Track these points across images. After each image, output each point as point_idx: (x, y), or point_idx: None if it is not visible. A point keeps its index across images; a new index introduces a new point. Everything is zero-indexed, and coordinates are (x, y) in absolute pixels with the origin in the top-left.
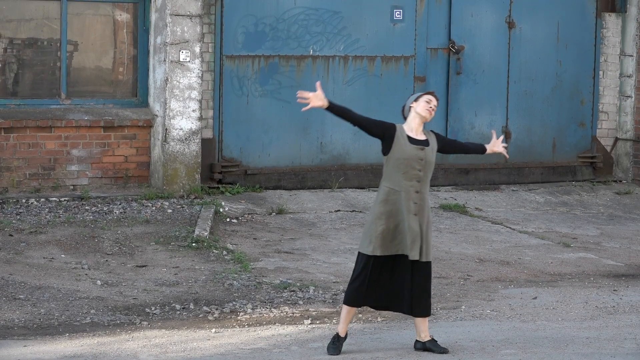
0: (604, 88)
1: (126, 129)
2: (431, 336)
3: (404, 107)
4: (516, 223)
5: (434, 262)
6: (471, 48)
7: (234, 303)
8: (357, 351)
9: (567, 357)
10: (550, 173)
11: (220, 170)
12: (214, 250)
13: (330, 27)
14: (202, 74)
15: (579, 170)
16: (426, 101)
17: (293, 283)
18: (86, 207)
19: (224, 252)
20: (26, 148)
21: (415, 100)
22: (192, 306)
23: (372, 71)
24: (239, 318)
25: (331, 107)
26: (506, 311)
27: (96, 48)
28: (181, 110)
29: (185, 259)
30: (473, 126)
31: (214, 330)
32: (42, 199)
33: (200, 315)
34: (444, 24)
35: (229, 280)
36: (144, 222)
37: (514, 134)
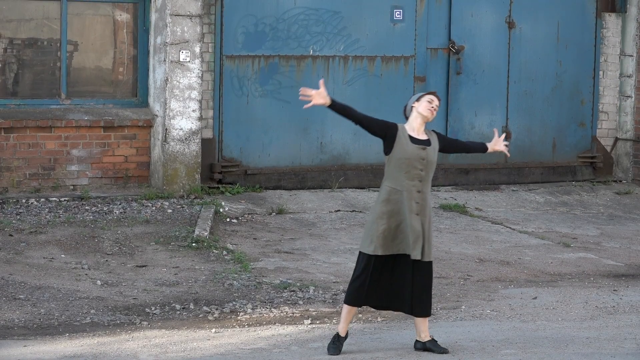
0: (604, 88)
1: (126, 129)
2: (431, 336)
3: (405, 107)
4: (516, 223)
5: (434, 262)
6: (471, 48)
7: (234, 303)
8: (357, 351)
9: (567, 357)
10: (550, 173)
11: (220, 170)
12: (214, 250)
13: (330, 27)
14: (202, 74)
15: (579, 170)
16: (428, 101)
17: (293, 283)
18: (86, 207)
19: (224, 252)
20: (26, 148)
21: (417, 100)
22: (192, 306)
23: (372, 71)
24: (239, 318)
25: (333, 105)
26: (506, 311)
27: (96, 48)
28: (181, 110)
29: (185, 259)
30: (473, 126)
31: (214, 330)
32: (42, 199)
33: (200, 315)
34: (444, 24)
35: (229, 280)
36: (144, 222)
37: (514, 134)
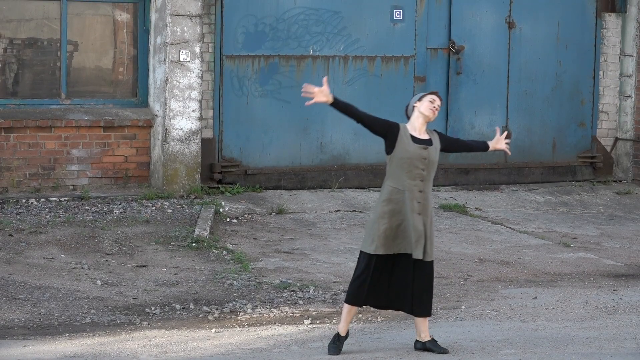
0: (604, 88)
1: (126, 129)
2: (431, 336)
3: (407, 107)
4: (516, 223)
5: (434, 262)
6: (471, 48)
7: (234, 303)
8: (357, 351)
9: (567, 357)
10: (550, 173)
11: (220, 170)
12: (214, 250)
13: (330, 27)
14: (202, 74)
15: (579, 170)
16: (430, 101)
17: (293, 283)
18: (86, 207)
19: (224, 252)
20: (26, 148)
21: (419, 99)
22: (192, 306)
23: (372, 71)
24: (239, 318)
25: (336, 103)
26: (506, 311)
27: (96, 48)
28: (181, 110)
29: (185, 259)
30: (473, 126)
31: (214, 330)
32: (42, 199)
33: (200, 315)
34: (444, 24)
35: (229, 280)
36: (144, 222)
37: (514, 134)
